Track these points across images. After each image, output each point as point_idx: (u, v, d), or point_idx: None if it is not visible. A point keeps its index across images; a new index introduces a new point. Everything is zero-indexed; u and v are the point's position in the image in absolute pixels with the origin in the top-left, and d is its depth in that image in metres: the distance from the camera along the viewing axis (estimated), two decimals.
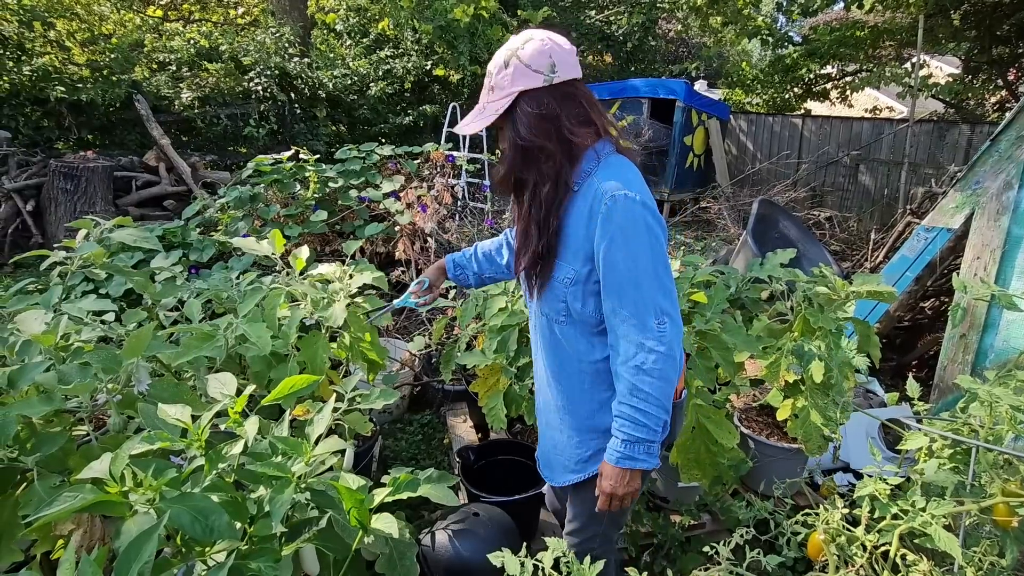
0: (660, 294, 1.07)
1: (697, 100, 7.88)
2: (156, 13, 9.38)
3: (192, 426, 0.94)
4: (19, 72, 4.85)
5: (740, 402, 2.96)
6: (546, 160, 1.12)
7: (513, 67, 1.10)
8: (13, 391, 1.20)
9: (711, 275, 2.09)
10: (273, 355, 1.75)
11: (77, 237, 1.93)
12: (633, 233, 1.06)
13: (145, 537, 0.69)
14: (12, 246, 4.14)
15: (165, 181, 4.87)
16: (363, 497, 0.97)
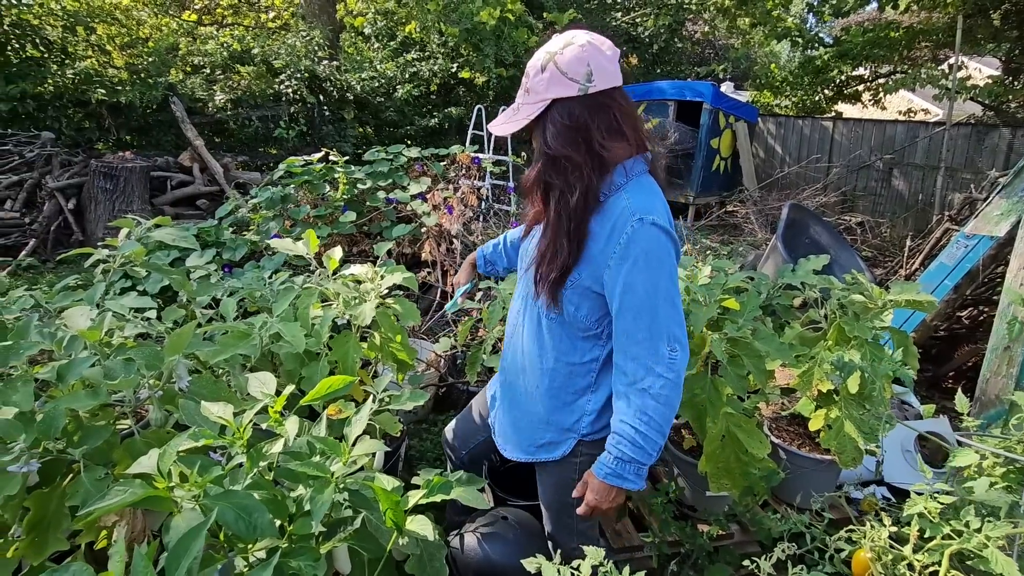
0: (674, 322, 1.09)
1: (724, 102, 7.77)
2: (190, 17, 9.64)
3: (234, 424, 0.96)
4: (63, 75, 5.04)
5: (768, 411, 2.91)
6: (573, 170, 1.10)
7: (550, 72, 1.09)
8: (61, 384, 1.25)
9: (743, 281, 2.05)
10: (306, 354, 1.78)
11: (119, 236, 2.00)
12: (656, 260, 1.07)
13: (194, 533, 0.71)
14: (55, 243, 4.29)
15: (199, 181, 5.00)
16: (398, 499, 0.98)
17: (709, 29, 12.84)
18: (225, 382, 1.43)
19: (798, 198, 7.50)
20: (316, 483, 0.91)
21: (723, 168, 8.26)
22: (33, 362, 1.42)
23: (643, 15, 10.06)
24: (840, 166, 8.39)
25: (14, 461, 1.08)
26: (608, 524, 2.02)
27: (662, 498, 1.81)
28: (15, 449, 1.08)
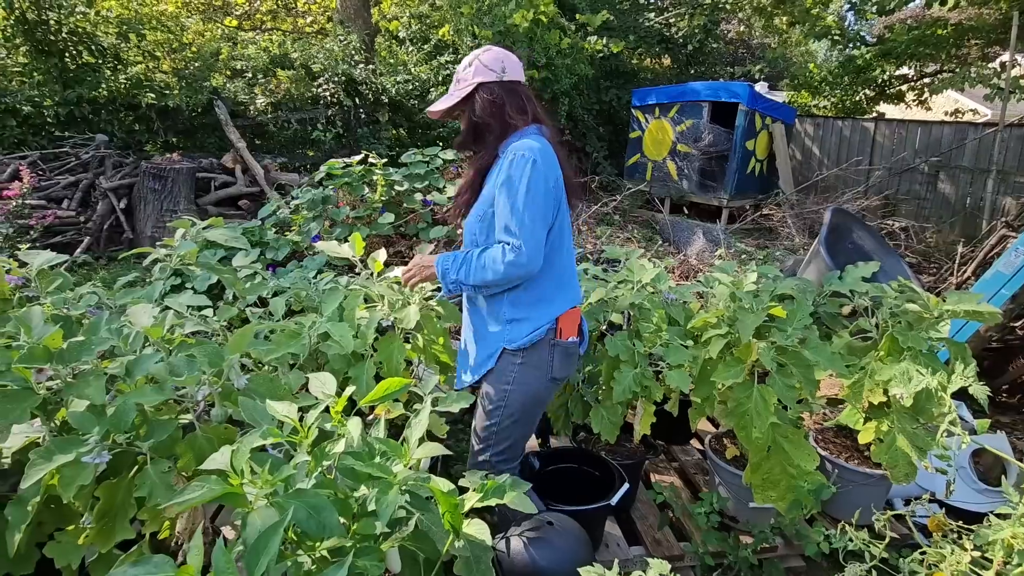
0: (521, 226, 1.39)
1: (761, 103, 7.61)
2: (232, 23, 9.93)
3: (298, 423, 0.99)
4: (116, 80, 5.25)
5: (810, 421, 2.83)
6: (490, 135, 1.51)
7: (475, 67, 1.50)
8: (129, 379, 1.30)
9: (792, 289, 2.00)
10: (352, 354, 1.81)
11: (175, 236, 2.07)
12: (517, 179, 1.40)
13: (272, 531, 0.73)
14: (107, 240, 4.48)
15: (240, 182, 5.15)
16: (457, 502, 0.99)
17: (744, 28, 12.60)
18: (280, 380, 1.47)
19: (838, 201, 7.28)
20: (379, 484, 0.92)
21: (758, 170, 8.08)
22: (101, 357, 1.48)
23: (677, 15, 9.92)
24: (882, 169, 8.11)
25: (88, 452, 1.13)
26: (648, 532, 2.00)
27: (706, 508, 1.78)
28: (90, 441, 1.13)
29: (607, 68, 9.28)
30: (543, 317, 1.55)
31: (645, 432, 1.99)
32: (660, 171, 8.08)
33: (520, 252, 1.39)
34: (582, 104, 8.78)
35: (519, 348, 1.53)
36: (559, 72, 7.91)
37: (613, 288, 2.18)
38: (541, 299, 1.55)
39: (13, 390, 1.23)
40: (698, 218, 7.93)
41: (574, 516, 1.62)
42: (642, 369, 1.88)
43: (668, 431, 2.43)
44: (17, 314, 1.28)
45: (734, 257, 5.92)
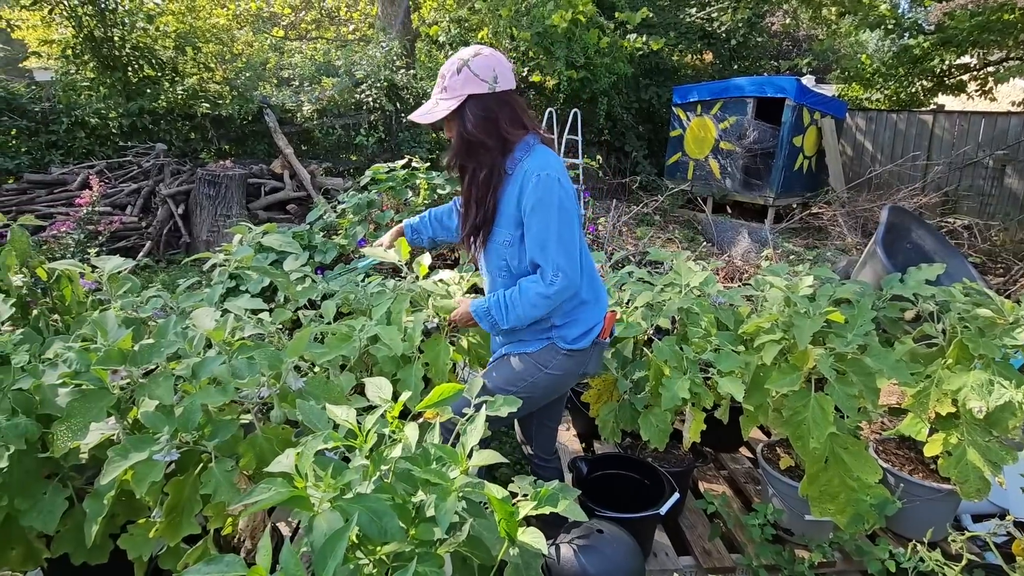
0: (560, 254, 1.40)
1: (809, 97, 7.33)
2: (278, 34, 10.29)
3: (357, 427, 1.01)
4: (173, 92, 5.53)
5: (868, 431, 2.70)
6: (485, 152, 1.42)
7: (464, 74, 1.39)
8: (194, 380, 1.36)
9: (851, 293, 1.91)
10: (401, 356, 1.84)
11: (233, 241, 2.16)
12: (547, 204, 1.38)
13: (338, 536, 0.74)
14: (166, 244, 4.72)
15: (288, 187, 5.33)
16: (513, 509, 0.98)
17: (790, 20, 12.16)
18: (334, 382, 1.50)
19: (893, 199, 6.93)
20: (436, 490, 0.93)
21: (806, 167, 7.78)
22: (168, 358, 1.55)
23: (720, 10, 9.66)
24: (942, 163, 7.68)
25: (159, 450, 1.18)
26: (697, 542, 1.95)
27: (760, 520, 1.72)
28: (161, 440, 1.19)
29: (646, 66, 9.14)
30: (590, 319, 1.57)
31: (695, 440, 1.94)
32: (702, 170, 7.89)
33: (563, 277, 1.40)
34: (621, 103, 8.67)
35: (572, 349, 1.55)
36: (598, 71, 7.84)
37: (659, 291, 2.14)
38: (583, 302, 1.56)
39: (91, 390, 1.30)
40: (742, 218, 7.70)
41: (622, 524, 1.60)
42: (692, 375, 1.84)
43: (716, 438, 2.37)
44: (93, 317, 1.35)
45: (781, 258, 5.72)
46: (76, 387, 1.34)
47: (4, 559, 1.40)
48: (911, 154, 7.91)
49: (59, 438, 1.24)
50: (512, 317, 1.47)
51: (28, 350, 1.29)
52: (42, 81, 5.90)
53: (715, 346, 1.91)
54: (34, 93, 5.44)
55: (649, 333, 2.05)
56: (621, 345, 2.03)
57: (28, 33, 6.46)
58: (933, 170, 7.68)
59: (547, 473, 1.84)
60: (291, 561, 0.73)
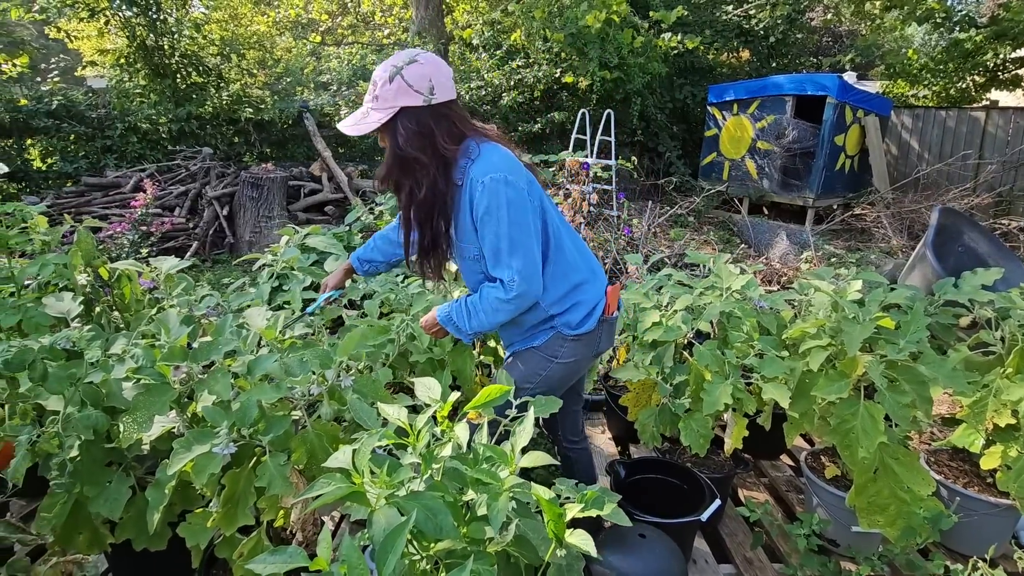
0: (515, 257, 1.32)
1: (852, 95, 7.09)
2: (316, 39, 10.56)
3: (408, 426, 1.03)
4: (219, 97, 5.74)
5: (918, 441, 2.60)
6: (421, 169, 1.31)
7: (397, 84, 1.26)
8: (250, 377, 1.41)
9: (904, 298, 1.85)
10: (437, 360, 1.88)
11: (280, 242, 2.24)
12: (496, 211, 1.29)
13: (399, 531, 0.77)
14: (211, 245, 4.91)
15: (326, 189, 5.46)
16: (561, 511, 0.99)
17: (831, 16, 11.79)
18: (376, 377, 1.54)
19: (942, 200, 6.65)
20: (487, 489, 0.95)
21: (848, 167, 7.54)
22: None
23: (758, 7, 9.45)
24: (995, 162, 7.32)
25: (219, 444, 1.23)
26: (738, 550, 1.92)
27: (805, 529, 1.68)
28: (220, 433, 1.24)
29: (681, 65, 9.00)
30: (591, 299, 1.50)
31: (737, 446, 1.91)
32: (738, 170, 7.73)
33: (520, 281, 1.33)
34: (654, 103, 8.57)
35: (578, 334, 1.48)
36: (631, 72, 7.77)
37: (699, 295, 2.11)
38: (578, 284, 1.49)
39: (154, 384, 1.37)
40: (779, 219, 7.51)
41: (662, 529, 1.58)
42: (734, 380, 1.81)
43: (756, 445, 2.32)
44: (157, 316, 1.42)
45: (822, 260, 5.55)
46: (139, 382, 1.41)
47: (73, 543, 1.48)
48: (961, 153, 7.57)
49: (126, 429, 1.30)
50: (475, 323, 1.41)
51: (99, 346, 1.37)
52: (98, 88, 6.21)
53: (758, 351, 1.87)
54: (91, 100, 5.73)
55: (689, 337, 2.03)
56: (661, 349, 2.01)
57: (84, 43, 6.81)
58: (985, 169, 7.33)
59: (578, 455, 1.81)
60: (353, 554, 0.76)
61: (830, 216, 7.09)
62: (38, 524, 1.39)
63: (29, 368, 1.20)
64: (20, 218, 1.85)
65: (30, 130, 5.34)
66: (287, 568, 0.83)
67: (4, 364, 1.16)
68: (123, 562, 1.70)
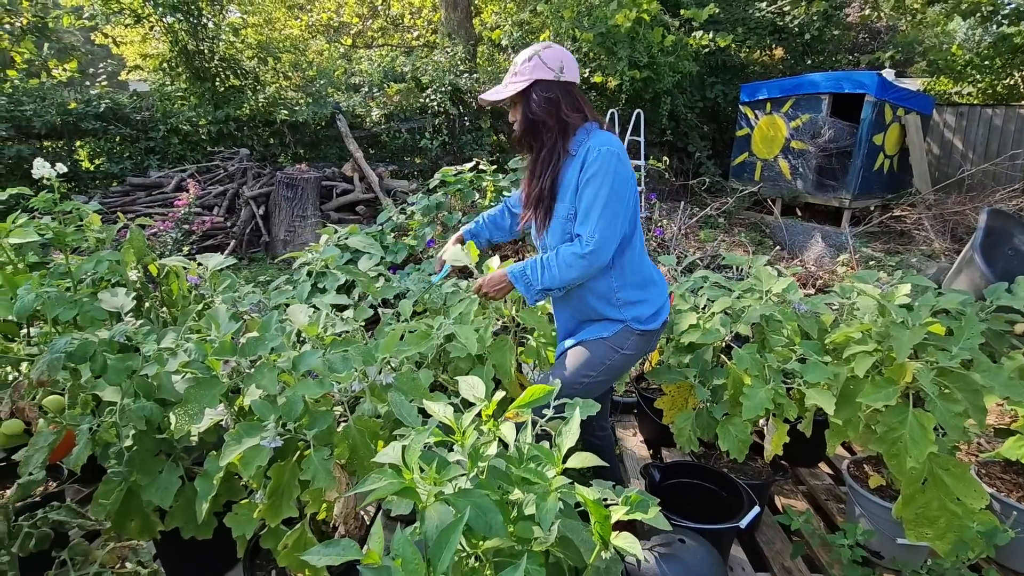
0: (603, 220, 1.47)
1: (892, 93, 6.87)
2: (347, 42, 10.74)
3: (456, 425, 1.04)
4: (256, 100, 5.90)
5: (964, 451, 2.51)
6: (547, 132, 1.55)
7: (535, 62, 1.53)
8: (294, 373, 1.44)
9: (956, 303, 1.79)
10: (477, 356, 1.89)
11: (320, 241, 2.28)
12: (603, 175, 1.47)
13: (453, 528, 0.77)
14: (247, 243, 5.04)
15: (358, 189, 5.55)
16: (607, 513, 0.99)
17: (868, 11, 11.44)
18: (417, 378, 1.56)
19: (988, 201, 6.39)
20: (534, 489, 0.95)
21: (887, 167, 7.30)
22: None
23: (793, 3, 9.23)
24: None
25: (267, 437, 1.27)
26: (775, 559, 1.88)
27: (849, 540, 1.64)
28: (268, 427, 1.28)
29: (712, 63, 8.86)
30: (658, 298, 1.67)
31: (777, 452, 1.87)
32: (770, 170, 7.57)
33: (596, 241, 1.47)
34: (684, 102, 8.45)
35: (645, 330, 1.62)
36: (661, 71, 7.67)
37: (737, 297, 2.07)
38: (648, 280, 1.65)
39: (204, 378, 1.42)
40: (813, 220, 7.32)
41: (700, 534, 1.56)
42: (775, 385, 1.77)
43: (794, 451, 2.27)
44: (208, 312, 1.47)
45: (859, 263, 5.39)
46: (189, 375, 1.46)
47: (125, 528, 1.54)
48: (1009, 152, 7.26)
49: (179, 421, 1.35)
50: (547, 277, 1.52)
51: (154, 340, 1.42)
52: (142, 92, 6.44)
53: (800, 356, 1.83)
54: (136, 103, 5.95)
55: (727, 340, 2.00)
56: (699, 352, 1.98)
57: (127, 48, 7.06)
58: None
59: (603, 443, 1.91)
60: (408, 549, 0.77)
61: (867, 218, 6.88)
62: (94, 509, 1.45)
63: (91, 360, 1.25)
64: (77, 216, 1.93)
65: (79, 132, 5.57)
66: (341, 561, 0.85)
67: (68, 356, 1.21)
68: (170, 549, 1.75)
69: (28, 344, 1.77)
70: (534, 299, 1.58)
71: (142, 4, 5.79)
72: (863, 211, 7.12)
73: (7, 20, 6.33)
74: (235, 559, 1.85)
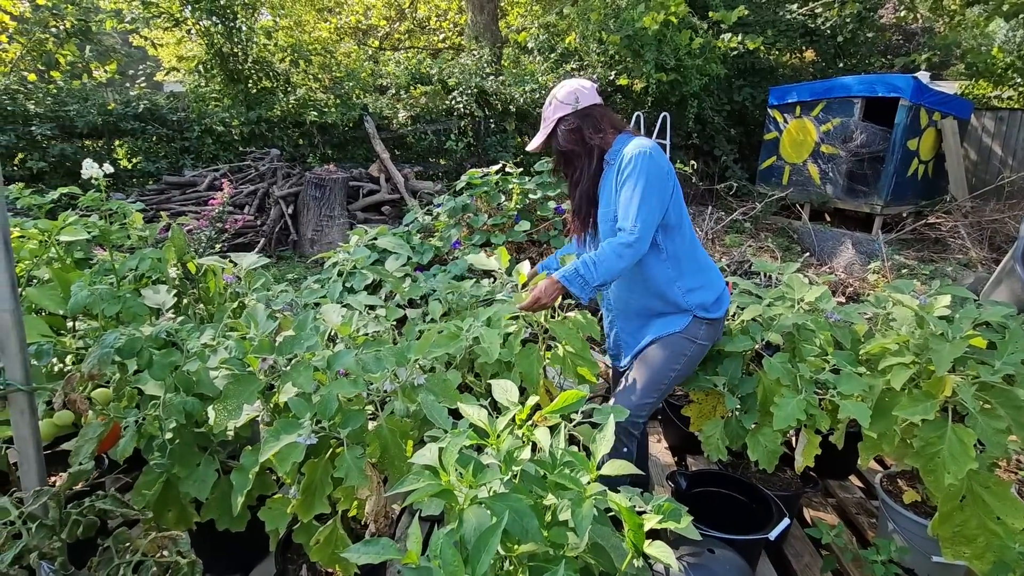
0: (639, 215, 1.60)
1: (928, 97, 6.68)
2: (374, 44, 10.88)
3: (490, 428, 1.05)
4: (286, 101, 6.02)
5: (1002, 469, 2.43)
6: (575, 158, 1.76)
7: (554, 105, 1.75)
8: (329, 372, 1.47)
9: (999, 316, 1.73)
10: (504, 363, 1.90)
11: (351, 241, 2.32)
12: (636, 174, 1.61)
13: (492, 531, 0.79)
14: (276, 242, 5.15)
15: (384, 190, 5.63)
16: (641, 521, 0.99)
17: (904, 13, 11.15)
18: (450, 381, 1.57)
19: None
20: (569, 494, 0.95)
21: (922, 173, 7.11)
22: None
23: (825, 5, 9.05)
24: None
25: (303, 434, 1.30)
26: (804, 573, 1.85)
27: (883, 556, 1.60)
28: (304, 424, 1.31)
29: (740, 66, 8.73)
30: (717, 283, 1.81)
31: (808, 464, 1.84)
32: (799, 175, 7.43)
33: (639, 229, 1.59)
34: (711, 105, 8.35)
35: (711, 318, 1.76)
36: (688, 73, 7.60)
37: (768, 305, 2.04)
38: (704, 266, 1.80)
39: (242, 375, 1.45)
40: (843, 226, 7.17)
41: (733, 545, 1.55)
42: (807, 396, 1.74)
43: (823, 463, 2.22)
44: (247, 310, 1.51)
45: (892, 271, 5.26)
46: (225, 371, 1.50)
47: (163, 519, 1.59)
48: None
49: (218, 416, 1.39)
50: (601, 271, 1.61)
51: (197, 337, 1.46)
52: (178, 93, 6.63)
53: (833, 366, 1.80)
54: (172, 104, 6.13)
55: (758, 348, 1.97)
56: (728, 360, 1.96)
57: (164, 51, 7.28)
58: None
59: (639, 449, 1.98)
60: (448, 551, 0.78)
61: (900, 224, 6.70)
62: (135, 499, 1.50)
63: (138, 356, 1.30)
64: (122, 214, 2.00)
65: (119, 132, 5.76)
66: (380, 559, 0.87)
67: (117, 351, 1.26)
68: (203, 540, 1.80)
69: (73, 337, 1.84)
70: (588, 296, 1.67)
71: (180, 8, 5.97)
72: (895, 218, 6.95)
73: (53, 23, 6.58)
74: (264, 551, 1.89)
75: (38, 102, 5.52)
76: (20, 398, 1.18)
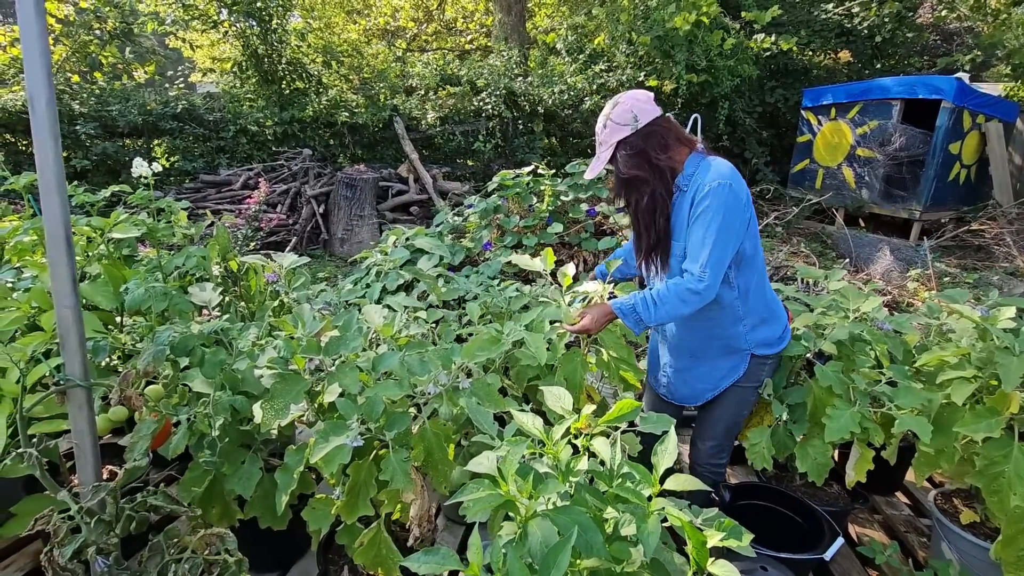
0: (713, 256, 1.46)
1: (972, 99, 6.44)
2: (402, 46, 10.97)
3: (547, 437, 1.03)
4: (318, 102, 6.10)
5: None
6: (641, 184, 1.55)
7: (609, 127, 1.55)
8: (374, 373, 1.47)
9: None
10: (548, 366, 1.87)
11: (388, 242, 2.33)
12: (712, 213, 1.46)
13: (561, 547, 0.76)
14: (307, 240, 5.21)
15: (412, 190, 5.65)
16: (704, 538, 0.95)
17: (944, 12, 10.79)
18: (493, 385, 1.55)
19: None
20: (630, 508, 0.92)
21: (963, 178, 6.85)
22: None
23: (862, 4, 8.80)
24: None
25: (350, 435, 1.29)
26: None
27: None
28: (351, 425, 1.30)
29: (773, 67, 8.55)
30: (783, 316, 1.74)
31: (860, 479, 1.77)
32: (833, 179, 7.24)
33: (708, 275, 1.47)
34: (743, 107, 8.19)
35: (771, 354, 1.69)
36: (719, 74, 7.47)
37: (820, 314, 1.98)
38: (772, 298, 1.70)
39: (289, 374, 1.46)
40: (879, 231, 6.96)
41: (787, 564, 1.49)
42: (861, 408, 1.68)
43: (870, 478, 2.14)
44: (295, 310, 1.51)
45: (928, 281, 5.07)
46: (270, 371, 1.50)
47: (208, 515, 1.60)
48: None
49: (265, 415, 1.39)
50: (660, 314, 1.53)
51: (247, 336, 1.47)
52: (214, 93, 6.78)
53: (889, 378, 1.73)
54: (208, 104, 6.26)
55: (808, 356, 1.91)
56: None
57: (200, 52, 7.44)
58: None
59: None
60: (516, 566, 0.76)
61: (939, 231, 6.48)
62: (182, 494, 1.52)
63: (190, 353, 1.31)
64: (168, 212, 2.04)
65: (158, 131, 5.90)
66: (441, 570, 0.85)
67: (171, 348, 1.27)
68: (245, 537, 1.82)
69: (122, 333, 1.87)
70: (640, 331, 1.61)
71: (217, 11, 6.10)
72: (934, 223, 6.72)
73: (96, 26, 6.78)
74: (303, 550, 1.90)
75: (82, 102, 5.70)
76: (78, 393, 1.20)
